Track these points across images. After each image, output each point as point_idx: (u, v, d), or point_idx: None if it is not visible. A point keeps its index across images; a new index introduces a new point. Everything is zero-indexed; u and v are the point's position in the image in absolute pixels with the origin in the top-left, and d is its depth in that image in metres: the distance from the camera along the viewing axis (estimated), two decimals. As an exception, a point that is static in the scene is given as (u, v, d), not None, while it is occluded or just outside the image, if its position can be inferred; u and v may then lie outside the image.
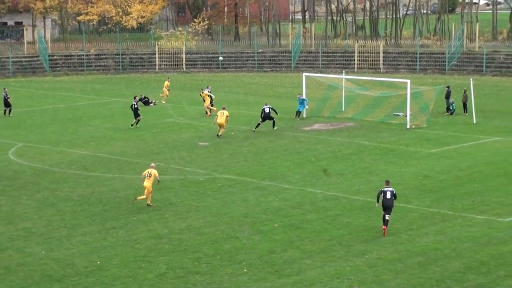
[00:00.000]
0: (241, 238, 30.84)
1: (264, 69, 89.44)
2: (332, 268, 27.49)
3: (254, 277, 26.85)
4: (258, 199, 36.32)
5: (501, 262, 27.64)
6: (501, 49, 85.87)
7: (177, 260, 28.57)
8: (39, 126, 54.44)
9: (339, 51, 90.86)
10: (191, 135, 51.94)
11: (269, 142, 49.06)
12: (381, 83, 65.53)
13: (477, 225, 31.90)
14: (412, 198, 35.83)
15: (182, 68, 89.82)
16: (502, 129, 52.11)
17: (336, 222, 32.69)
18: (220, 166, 42.96)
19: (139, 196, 35.48)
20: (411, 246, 29.48)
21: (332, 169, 41.74)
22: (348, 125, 54.49)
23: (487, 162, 42.75)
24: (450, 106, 58.48)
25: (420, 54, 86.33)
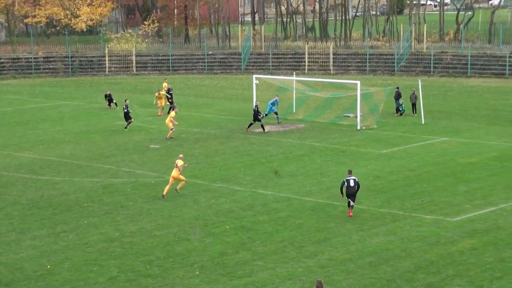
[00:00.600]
0: (193, 240, 30.80)
1: (214, 71, 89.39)
2: (284, 269, 27.57)
3: (206, 279, 26.82)
4: (209, 201, 36.30)
5: (449, 262, 27.94)
6: (448, 49, 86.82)
7: (128, 263, 28.44)
8: (-13, 130, 53.87)
9: (289, 53, 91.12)
10: (142, 137, 51.72)
11: (220, 144, 49.06)
12: (331, 84, 65.88)
13: (426, 225, 32.22)
14: (363, 199, 36.04)
15: (132, 71, 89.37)
16: (449, 130, 52.70)
17: (288, 223, 32.78)
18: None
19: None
20: (362, 246, 29.68)
21: (283, 170, 41.85)
22: (299, 127, 54.69)
23: (435, 162, 43.21)
24: (400, 107, 58.98)
25: (370, 55, 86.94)
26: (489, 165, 42.29)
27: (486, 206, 34.61)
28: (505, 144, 47.51)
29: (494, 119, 56.85)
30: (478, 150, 45.94)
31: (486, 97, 67.94)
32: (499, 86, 74.13)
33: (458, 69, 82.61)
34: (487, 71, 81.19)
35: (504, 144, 47.52)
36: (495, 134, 50.74)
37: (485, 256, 28.26)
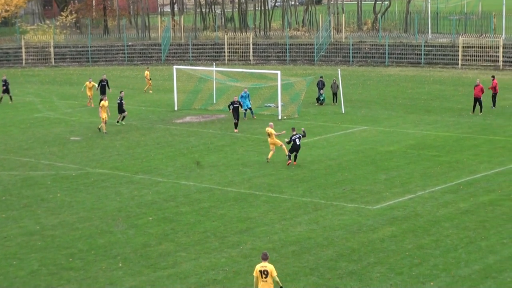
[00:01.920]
0: (116, 232, 30.63)
1: (134, 62, 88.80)
2: (207, 259, 27.62)
3: (129, 271, 26.72)
4: (131, 193, 36.12)
5: (370, 249, 28.36)
6: (366, 39, 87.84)
7: (50, 256, 28.14)
8: None
9: (209, 43, 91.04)
10: (62, 130, 51.13)
11: (142, 135, 48.82)
12: (252, 74, 66.10)
13: (347, 213, 32.62)
14: (285, 188, 36.33)
15: (51, 62, 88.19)
16: (369, 118, 53.38)
17: (210, 214, 32.84)
18: (92, 160, 42.48)
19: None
20: (285, 235, 29.91)
21: (205, 161, 41.88)
22: (220, 117, 54.74)
23: (355, 151, 43.75)
24: (320, 96, 59.45)
25: (290, 45, 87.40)
26: (407, 153, 43.01)
27: (404, 193, 35.21)
28: (421, 132, 48.37)
29: (411, 107, 57.80)
30: (396, 139, 46.67)
31: (403, 86, 69.02)
32: (415, 75, 75.36)
33: (376, 58, 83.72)
34: (404, 60, 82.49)
35: (420, 132, 48.38)
36: (412, 123, 51.60)
37: (404, 243, 28.77)
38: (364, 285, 25.21)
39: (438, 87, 67.91)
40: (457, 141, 45.54)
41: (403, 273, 26.08)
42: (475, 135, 47.14)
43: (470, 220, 31.35)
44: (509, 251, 27.92)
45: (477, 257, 27.36)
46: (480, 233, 29.76)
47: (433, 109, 56.38)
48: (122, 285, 25.53)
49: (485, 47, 78.94)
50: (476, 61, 78.96)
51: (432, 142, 45.53)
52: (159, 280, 25.88)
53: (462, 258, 27.27)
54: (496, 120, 51.60)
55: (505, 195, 34.58)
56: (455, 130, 48.55)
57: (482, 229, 30.21)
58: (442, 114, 54.69)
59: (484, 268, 26.32)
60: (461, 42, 79.58)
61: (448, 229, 30.25)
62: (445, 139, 46.32)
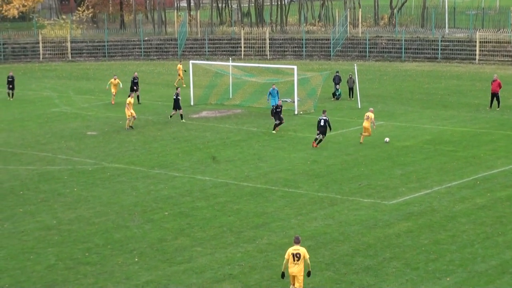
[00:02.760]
0: (132, 227, 30.70)
1: (150, 57, 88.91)
2: (223, 254, 27.65)
3: (145, 265, 26.78)
4: (148, 187, 36.19)
5: (386, 244, 28.32)
6: (383, 34, 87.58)
7: (66, 251, 28.24)
8: None
9: (225, 38, 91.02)
10: (78, 124, 51.28)
11: (158, 130, 48.89)
12: (268, 69, 66.06)
13: (364, 208, 32.58)
14: (301, 183, 36.31)
15: (68, 57, 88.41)
16: (385, 114, 53.26)
17: (226, 208, 32.87)
18: (109, 155, 42.59)
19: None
20: (301, 230, 29.89)
21: (221, 156, 41.91)
22: (236, 112, 54.76)
23: (372, 146, 43.66)
24: (336, 91, 59.36)
25: (306, 40, 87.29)
26: (423, 148, 42.89)
27: (421, 189, 35.12)
28: (438, 128, 48.21)
29: (427, 102, 57.62)
30: (412, 134, 46.55)
31: (420, 81, 68.79)
32: (432, 70, 75.11)
33: (393, 54, 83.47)
34: (421, 55, 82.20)
35: (437, 128, 48.22)
36: (428, 118, 51.45)
37: (420, 239, 28.71)
38: (380, 280, 25.18)
39: (455, 82, 67.66)
40: (474, 136, 45.37)
41: (419, 268, 26.03)
42: (492, 130, 46.95)
43: (487, 215, 31.24)
44: (526, 246, 27.82)
45: (494, 252, 27.26)
46: (497, 229, 29.65)
47: (450, 104, 56.19)
48: (138, 280, 25.60)
49: (503, 42, 78.55)
50: (494, 56, 78.57)
51: (449, 137, 45.37)
52: (175, 275, 25.93)
53: (478, 253, 27.19)
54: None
55: (522, 191, 34.45)
56: (472, 125, 48.36)
57: (499, 225, 30.09)
58: (459, 109, 54.50)
59: (501, 264, 26.23)
60: (479, 37, 79.21)
61: (464, 225, 30.15)
62: (462, 134, 46.16)
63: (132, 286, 25.13)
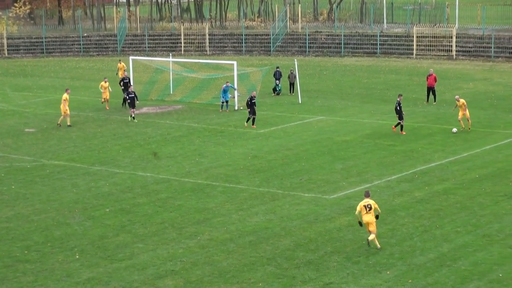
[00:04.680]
0: (72, 224, 30.48)
1: (90, 53, 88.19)
2: (165, 250, 27.62)
3: (86, 263, 26.62)
4: (88, 184, 35.95)
5: (328, 239, 28.54)
6: (322, 29, 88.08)
7: (4, 249, 27.93)
8: None
9: (165, 34, 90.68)
10: (16, 121, 50.67)
11: (98, 126, 48.56)
12: (208, 65, 66.04)
13: (305, 203, 32.78)
14: (242, 179, 36.40)
15: (4, 54, 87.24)
16: (325, 108, 53.61)
17: (168, 205, 32.82)
18: (48, 152, 42.18)
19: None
20: (242, 226, 29.99)
21: (162, 152, 41.80)
22: (177, 108, 54.64)
23: (312, 140, 43.94)
24: (276, 86, 59.58)
25: (246, 36, 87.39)
26: (363, 142, 43.30)
27: (361, 183, 35.45)
28: (377, 122, 48.69)
29: (367, 97, 58.14)
30: (352, 128, 46.95)
31: (359, 75, 69.37)
32: (371, 65, 75.78)
33: (332, 49, 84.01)
34: (360, 50, 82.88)
35: (376, 122, 48.70)
36: (368, 112, 51.92)
37: (361, 233, 28.93)
38: (322, 274, 25.38)
39: (394, 76, 68.39)
40: (412, 131, 45.93)
41: (360, 262, 26.30)
42: (429, 124, 47.59)
43: (425, 209, 31.69)
44: (462, 239, 28.27)
45: (432, 245, 27.67)
46: (434, 222, 30.09)
47: (389, 99, 56.73)
48: (79, 277, 25.43)
49: (439, 37, 79.59)
50: (430, 51, 79.57)
51: (388, 131, 45.85)
52: (117, 272, 25.82)
53: (417, 246, 27.57)
54: (450, 109, 52.08)
55: (459, 184, 34.99)
56: (410, 120, 48.91)
57: (436, 218, 30.55)
58: (397, 103, 55.03)
59: (438, 257, 26.63)
60: (416, 32, 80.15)
61: (403, 218, 30.54)
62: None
63: (73, 284, 24.96)
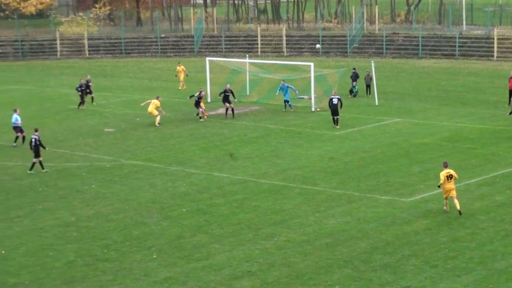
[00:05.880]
0: (150, 224, 30.75)
1: (167, 54, 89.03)
2: (241, 251, 27.65)
3: (163, 262, 26.82)
4: (165, 184, 36.24)
5: (405, 242, 28.24)
6: (400, 31, 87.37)
7: (85, 247, 28.32)
8: None
9: (242, 35, 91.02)
10: (96, 121, 51.40)
11: (175, 127, 48.94)
12: (285, 66, 66.04)
13: (381, 205, 32.50)
14: (319, 180, 36.27)
15: (85, 54, 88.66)
16: (403, 110, 53.12)
17: (244, 205, 32.86)
18: (126, 152, 42.68)
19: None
20: (318, 228, 29.86)
21: (239, 153, 41.90)
22: (253, 109, 54.74)
23: (389, 143, 43.56)
24: (353, 88, 59.27)
25: (323, 37, 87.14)
26: (442, 145, 42.74)
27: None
28: (456, 125, 48.03)
29: (445, 99, 57.41)
30: (430, 131, 46.39)
31: (437, 78, 68.55)
32: (450, 67, 74.84)
33: (410, 50, 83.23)
34: (438, 52, 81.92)
35: (455, 125, 48.04)
36: (446, 115, 51.26)
37: (439, 236, 28.60)
38: (399, 277, 25.11)
39: (473, 79, 67.40)
40: (493, 134, 45.16)
41: (438, 266, 25.95)
42: (511, 128, 46.71)
43: (506, 213, 31.09)
44: (545, 244, 27.68)
45: (513, 250, 27.16)
46: (516, 226, 29.53)
47: (468, 101, 55.97)
48: (156, 277, 25.63)
49: (521, 39, 78.24)
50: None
51: (467, 134, 45.19)
52: (193, 272, 25.95)
53: (498, 251, 27.06)
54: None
55: (541, 188, 34.27)
56: (491, 123, 48.14)
57: (518, 222, 29.97)
58: (477, 106, 54.29)
59: (520, 262, 26.13)
60: (496, 34, 78.87)
61: (484, 222, 30.03)
62: (481, 131, 45.97)
63: (150, 283, 25.16)
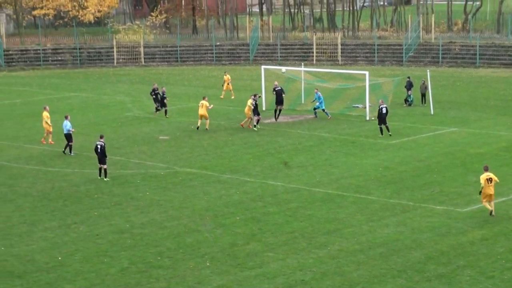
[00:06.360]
0: (203, 231, 30.86)
1: (222, 62, 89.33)
2: (295, 260, 27.61)
3: (216, 270, 26.88)
4: (219, 192, 36.34)
5: (460, 252, 27.96)
6: (456, 40, 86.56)
7: (139, 254, 28.52)
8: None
9: (297, 44, 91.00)
10: (151, 129, 51.77)
11: (229, 135, 49.08)
12: (340, 75, 65.81)
13: (436, 215, 32.22)
14: (373, 190, 36.08)
15: (141, 62, 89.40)
16: (459, 120, 52.63)
17: (298, 214, 32.82)
18: (180, 159, 42.90)
19: None
20: (372, 237, 29.70)
21: (293, 161, 41.87)
22: (308, 117, 54.67)
23: (444, 152, 43.16)
24: (408, 97, 58.88)
25: (378, 45, 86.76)
26: (499, 155, 42.22)
27: (496, 196, 34.37)
28: (514, 134, 47.45)
29: (503, 109, 56.72)
30: (487, 141, 45.87)
31: (495, 87, 67.76)
32: (508, 77, 73.90)
33: (467, 59, 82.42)
34: (496, 61, 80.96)
35: (513, 135, 47.47)
36: (504, 125, 50.63)
37: (496, 247, 28.26)
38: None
39: (532, 89, 66.50)
40: (551, 144, 44.52)
41: (495, 277, 25.63)
42: None
43: None
44: None
45: None
46: None
47: (527, 111, 55.26)
48: (209, 284, 25.71)
49: None
50: None
51: (525, 144, 44.60)
52: (247, 280, 25.97)
53: (555, 263, 26.66)
54: None
55: None
56: (549, 133, 47.47)
57: None
58: (535, 116, 53.55)
59: None
60: (555, 42, 77.73)
61: (541, 234, 29.60)
62: (538, 141, 45.34)
63: (203, 290, 25.27)
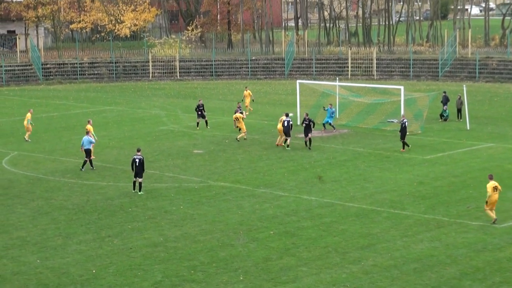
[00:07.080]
0: (237, 245, 30.84)
1: (257, 76, 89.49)
2: (328, 275, 27.50)
3: (250, 284, 26.83)
4: (253, 206, 36.32)
5: (496, 268, 27.67)
6: (494, 55, 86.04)
7: (172, 268, 28.55)
8: (32, 135, 54.19)
9: (332, 58, 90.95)
10: (185, 142, 51.93)
11: (264, 149, 49.07)
12: (375, 89, 65.66)
13: (472, 231, 31.94)
14: (407, 205, 35.87)
15: (176, 76, 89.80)
16: (495, 135, 52.22)
17: (332, 229, 32.70)
18: (215, 173, 42.96)
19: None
20: (406, 252, 29.51)
21: (327, 176, 41.76)
22: (342, 132, 54.54)
23: (481, 168, 42.82)
24: (444, 112, 58.55)
25: (413, 60, 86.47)
26: (536, 171, 41.82)
27: (533, 212, 34.22)
28: (551, 150, 46.97)
29: (540, 125, 56.23)
30: (524, 156, 45.47)
31: (532, 102, 67.21)
32: (545, 92, 73.29)
33: (504, 75, 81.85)
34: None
35: (550, 150, 46.99)
36: (541, 140, 50.19)
37: (532, 264, 27.96)
38: (489, 306, 24.61)
39: None
40: None
41: (530, 294, 25.35)
42: None
43: None
44: None
45: None
46: None
47: None
48: (242, 298, 25.67)
49: None
50: None
51: (562, 160, 44.14)
52: (280, 294, 25.90)
53: None
54: None
55: None
56: None
57: None
58: None
59: None
60: None
61: None
62: None
63: (236, 305, 25.22)
